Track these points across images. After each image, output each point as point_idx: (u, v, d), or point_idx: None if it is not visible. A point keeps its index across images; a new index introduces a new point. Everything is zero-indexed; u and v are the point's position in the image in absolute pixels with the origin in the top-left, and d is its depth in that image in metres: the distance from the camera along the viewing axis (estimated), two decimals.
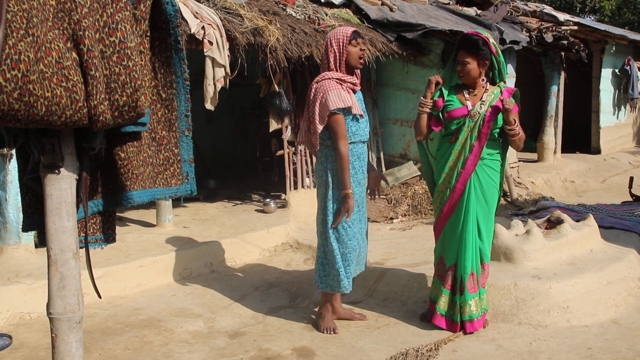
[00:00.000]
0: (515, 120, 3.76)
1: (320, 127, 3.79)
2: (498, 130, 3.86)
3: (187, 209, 7.12)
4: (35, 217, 2.33)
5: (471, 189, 3.85)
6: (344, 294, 4.09)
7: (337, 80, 3.80)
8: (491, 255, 4.51)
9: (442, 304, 3.96)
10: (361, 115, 3.86)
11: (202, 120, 9.25)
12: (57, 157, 2.04)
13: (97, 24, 1.94)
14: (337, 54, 3.81)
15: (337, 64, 3.82)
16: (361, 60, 3.85)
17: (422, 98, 3.96)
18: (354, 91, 3.90)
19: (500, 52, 3.89)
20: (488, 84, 3.90)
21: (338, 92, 3.74)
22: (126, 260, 5.00)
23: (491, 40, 3.82)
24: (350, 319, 4.18)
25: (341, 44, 3.80)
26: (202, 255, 5.45)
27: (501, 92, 3.87)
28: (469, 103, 3.85)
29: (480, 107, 3.82)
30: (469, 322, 3.91)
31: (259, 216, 6.82)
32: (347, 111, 3.78)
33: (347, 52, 3.80)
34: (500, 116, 3.80)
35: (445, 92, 3.93)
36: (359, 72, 3.96)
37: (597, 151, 12.11)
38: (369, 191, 4.13)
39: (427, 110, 3.95)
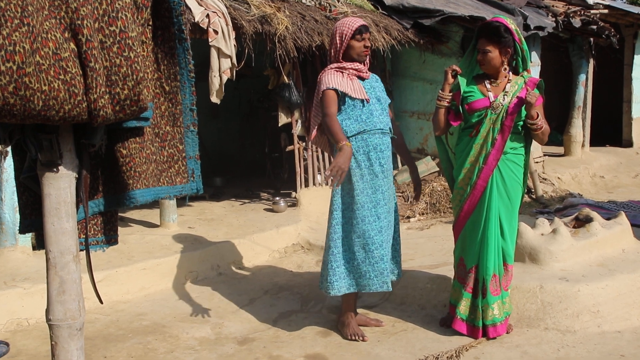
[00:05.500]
0: (538, 113, 3.73)
1: (317, 121, 3.94)
2: (522, 122, 3.83)
3: (192, 209, 7.14)
4: (32, 218, 2.35)
5: (493, 186, 3.83)
6: (358, 297, 4.07)
7: (336, 69, 3.90)
8: (515, 256, 4.48)
9: (463, 307, 3.94)
10: (367, 100, 3.87)
11: (207, 115, 9.27)
12: (56, 155, 2.05)
13: (96, 12, 1.95)
14: (338, 46, 3.91)
15: (337, 56, 3.93)
16: (364, 53, 3.90)
17: (440, 91, 3.95)
18: (361, 78, 3.94)
19: (523, 39, 3.86)
20: (511, 73, 3.87)
21: (332, 76, 3.86)
22: (128, 262, 5.02)
23: (514, 27, 3.79)
24: (366, 325, 4.17)
25: (344, 36, 3.88)
26: (208, 257, 5.46)
27: (525, 82, 3.84)
28: (490, 94, 3.83)
29: (503, 99, 3.79)
30: (492, 327, 3.89)
31: (268, 215, 6.83)
32: (342, 95, 3.85)
33: (349, 46, 3.88)
34: (522, 107, 3.78)
35: (464, 83, 3.90)
36: (368, 59, 4.00)
37: (629, 144, 11.99)
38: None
39: (446, 104, 3.93)
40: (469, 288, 3.92)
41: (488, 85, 3.86)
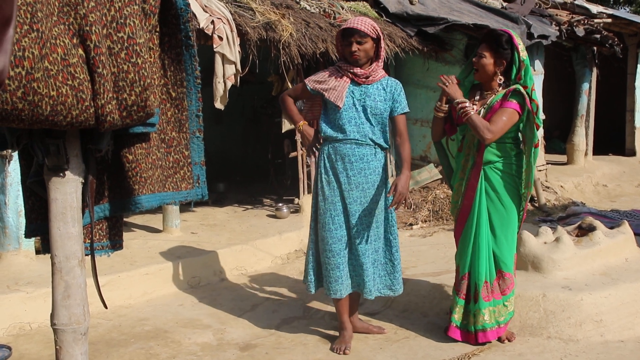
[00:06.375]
0: (460, 102, 3.70)
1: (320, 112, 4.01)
2: (505, 134, 3.79)
3: (195, 214, 7.15)
4: (38, 223, 2.35)
5: (482, 195, 3.88)
6: (356, 303, 4.07)
7: (336, 67, 3.93)
8: (518, 264, 4.50)
9: (457, 314, 3.97)
10: (338, 107, 3.79)
11: (210, 120, 9.29)
12: (62, 160, 2.06)
13: (104, 18, 1.96)
14: (337, 49, 3.98)
15: (341, 57, 3.98)
16: (352, 58, 3.79)
17: (437, 102, 3.96)
18: (357, 83, 3.84)
19: (527, 55, 3.83)
20: (502, 88, 3.85)
21: (322, 73, 3.93)
22: (131, 267, 5.03)
23: (519, 41, 3.79)
24: (368, 332, 4.17)
25: (337, 42, 3.93)
26: (211, 262, 5.47)
27: (504, 94, 3.78)
28: (475, 107, 3.85)
29: (480, 112, 3.81)
30: (482, 332, 3.91)
31: (270, 222, 6.83)
32: (316, 91, 3.90)
33: (341, 51, 3.88)
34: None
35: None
36: (377, 64, 3.86)
37: (632, 153, 11.98)
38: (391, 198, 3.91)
39: (442, 115, 3.96)
40: (462, 294, 3.96)
41: (477, 98, 3.89)
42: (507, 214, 3.89)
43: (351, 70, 3.82)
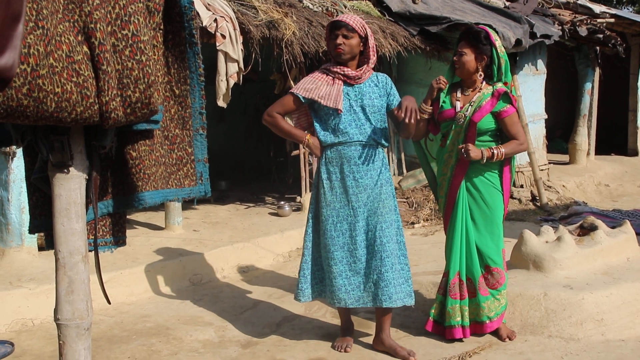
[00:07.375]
0: (483, 153, 3.73)
1: (309, 121, 3.88)
2: (491, 132, 3.85)
3: (197, 212, 7.17)
4: (42, 219, 2.37)
5: (463, 195, 3.92)
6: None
7: (322, 70, 3.79)
8: (519, 263, 4.54)
9: (435, 310, 4.05)
10: (338, 111, 3.67)
11: (213, 118, 9.24)
12: (67, 156, 2.07)
13: (109, 16, 1.97)
14: (327, 46, 3.86)
15: (330, 57, 3.83)
16: (335, 52, 3.68)
17: (422, 103, 3.95)
18: (350, 84, 3.73)
19: (504, 50, 3.87)
20: (484, 84, 3.88)
21: (308, 79, 3.77)
22: (133, 264, 5.04)
23: (495, 37, 3.83)
24: (394, 354, 3.86)
25: (326, 38, 3.81)
26: (212, 260, 5.49)
27: (492, 93, 3.83)
28: (458, 104, 3.88)
29: (467, 110, 3.83)
30: (448, 329, 3.97)
31: (272, 220, 6.85)
32: (309, 100, 3.73)
33: (329, 46, 3.78)
34: (487, 118, 3.80)
35: (442, 94, 3.97)
36: (367, 66, 3.77)
37: (634, 153, 12.00)
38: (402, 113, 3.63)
39: (426, 117, 3.97)
40: (441, 290, 4.04)
41: (459, 95, 3.90)
42: (490, 210, 3.94)
43: (343, 72, 3.70)
